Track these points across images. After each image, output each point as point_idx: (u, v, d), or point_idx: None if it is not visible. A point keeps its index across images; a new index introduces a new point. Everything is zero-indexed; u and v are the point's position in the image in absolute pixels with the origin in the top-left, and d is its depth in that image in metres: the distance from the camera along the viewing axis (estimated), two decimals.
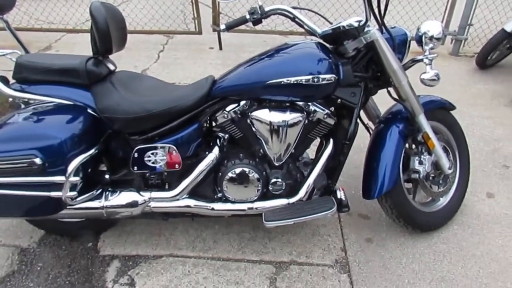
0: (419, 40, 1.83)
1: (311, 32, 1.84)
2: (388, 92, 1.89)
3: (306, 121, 1.75)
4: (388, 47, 1.72)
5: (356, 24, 1.68)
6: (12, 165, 1.52)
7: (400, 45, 1.82)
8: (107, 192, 1.77)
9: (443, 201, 2.10)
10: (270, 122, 1.70)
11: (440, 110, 2.07)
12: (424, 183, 1.98)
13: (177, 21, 4.90)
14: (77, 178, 1.59)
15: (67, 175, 1.55)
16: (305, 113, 1.73)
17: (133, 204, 1.77)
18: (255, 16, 1.76)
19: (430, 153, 1.95)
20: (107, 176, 1.80)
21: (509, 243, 2.03)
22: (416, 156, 1.95)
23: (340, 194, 1.88)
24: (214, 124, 1.86)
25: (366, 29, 1.70)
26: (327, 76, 1.65)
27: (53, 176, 1.55)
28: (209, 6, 4.41)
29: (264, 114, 1.71)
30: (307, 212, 1.77)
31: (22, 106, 1.74)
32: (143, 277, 1.86)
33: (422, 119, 1.86)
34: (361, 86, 1.77)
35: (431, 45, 1.80)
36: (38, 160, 1.51)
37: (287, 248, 2.01)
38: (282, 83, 1.65)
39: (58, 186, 1.58)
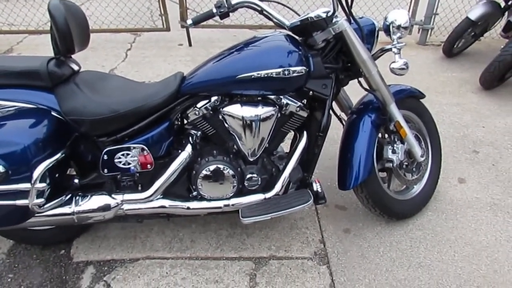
0: (387, 30, 1.84)
1: (280, 25, 1.83)
2: (359, 82, 1.90)
3: (279, 115, 1.73)
4: (357, 38, 1.72)
5: (324, 15, 1.67)
6: None
7: (368, 35, 1.83)
8: (77, 197, 1.71)
9: (417, 188, 2.14)
10: (243, 117, 1.68)
11: (410, 99, 2.10)
12: (398, 171, 2.00)
13: (144, 18, 4.79)
14: (43, 185, 1.52)
15: (32, 181, 1.49)
16: (278, 107, 1.72)
17: (105, 208, 1.71)
18: (221, 10, 1.72)
19: (402, 142, 1.97)
20: (76, 181, 1.74)
21: (481, 226, 2.09)
22: (389, 145, 1.97)
23: (316, 187, 1.88)
24: (185, 121, 1.83)
25: (334, 20, 1.70)
26: (298, 68, 1.63)
27: (18, 183, 1.48)
28: (176, 2, 4.33)
29: (236, 110, 1.68)
30: (283, 206, 1.76)
31: None
32: (120, 281, 1.81)
33: (393, 108, 1.88)
34: (332, 77, 1.77)
35: (398, 34, 1.81)
36: (0, 168, 1.44)
37: (265, 243, 2.00)
38: (253, 77, 1.63)
39: (24, 194, 1.51)
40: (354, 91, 2.01)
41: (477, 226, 2.09)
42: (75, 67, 1.77)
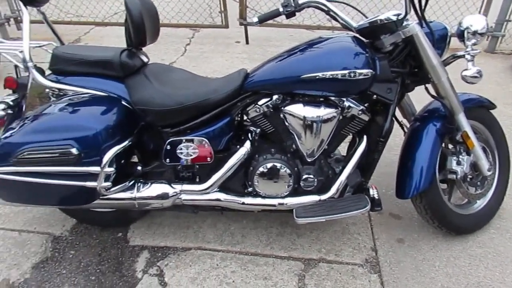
0: (461, 35, 1.75)
1: (346, 26, 1.81)
2: (426, 88, 1.83)
3: (340, 117, 1.71)
4: (428, 42, 1.66)
5: (394, 18, 1.63)
6: (49, 155, 1.54)
7: (439, 40, 1.75)
8: (139, 184, 1.78)
9: (480, 203, 2.03)
10: (304, 117, 1.67)
11: (479, 109, 1.99)
12: (461, 184, 1.91)
13: (204, 14, 4.90)
14: (111, 169, 1.60)
15: (102, 165, 1.57)
16: (340, 109, 1.70)
17: (164, 196, 1.78)
18: (288, 9, 1.73)
19: (468, 153, 1.88)
20: (139, 168, 1.81)
21: None
22: (454, 156, 1.88)
23: (372, 192, 1.84)
24: (245, 118, 1.85)
25: (405, 23, 1.65)
26: (364, 71, 1.60)
27: (89, 166, 1.57)
28: (235, 0, 4.38)
29: (297, 109, 1.68)
30: (339, 210, 1.74)
31: (52, 98, 1.76)
32: (172, 268, 1.86)
33: (461, 118, 1.80)
34: (398, 82, 1.73)
35: (473, 41, 1.72)
36: (74, 151, 1.53)
37: (315, 246, 1.98)
38: (317, 77, 1.62)
39: (93, 177, 1.59)
40: (418, 98, 1.94)
41: None
42: (145, 59, 1.84)
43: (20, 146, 1.54)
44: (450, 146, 1.93)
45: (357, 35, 1.76)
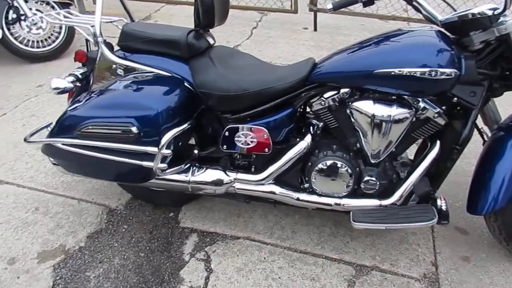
0: None
1: (429, 19, 1.64)
2: None
3: (414, 119, 1.57)
4: None
5: (490, 13, 1.44)
6: (110, 131, 1.56)
7: None
8: (194, 168, 1.77)
9: None
10: (373, 115, 1.54)
11: None
12: None
13: None
14: (168, 151, 1.59)
15: (160, 146, 1.56)
16: (413, 110, 1.55)
17: (218, 183, 1.74)
18: None
19: None
20: (195, 152, 1.79)
21: None
22: None
23: (440, 204, 1.68)
24: (308, 110, 1.76)
25: (502, 19, 1.45)
26: (447, 70, 1.44)
27: (147, 146, 1.57)
28: None
29: (367, 106, 1.56)
30: (402, 219, 1.60)
31: (118, 74, 1.77)
32: (219, 256, 1.84)
33: None
34: (484, 85, 1.54)
35: None
36: (134, 129, 1.53)
37: (369, 252, 1.86)
38: (392, 73, 1.48)
39: (150, 157, 1.59)
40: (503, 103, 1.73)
41: None
42: (211, 41, 1.80)
43: (84, 120, 1.58)
44: None
45: (442, 30, 1.58)
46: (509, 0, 1.41)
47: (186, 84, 1.68)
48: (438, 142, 1.64)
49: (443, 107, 1.57)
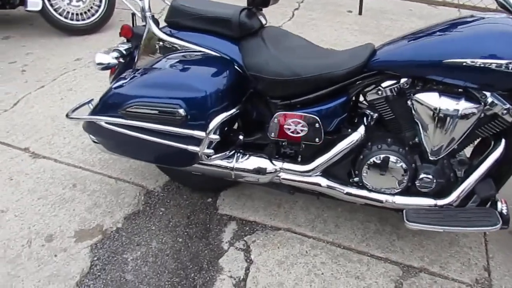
0: None
1: (503, 6, 1.48)
2: None
3: (482, 114, 1.44)
4: None
5: None
6: (156, 112, 1.49)
7: None
8: (238, 154, 1.69)
9: None
10: (438, 109, 1.42)
11: None
12: None
13: None
14: (216, 136, 1.51)
15: (207, 131, 1.48)
16: (482, 105, 1.42)
17: (263, 172, 1.66)
18: None
19: None
20: (240, 137, 1.71)
21: None
22: None
23: (501, 207, 1.55)
24: (362, 99, 1.64)
25: None
26: None
27: (194, 130, 1.49)
28: None
29: (432, 98, 1.43)
30: (461, 223, 1.49)
31: (164, 51, 1.69)
32: (259, 246, 1.78)
33: None
34: None
35: None
36: (181, 111, 1.46)
37: (418, 252, 1.76)
38: (464, 64, 1.35)
39: (197, 141, 1.52)
40: None
41: None
42: (263, 21, 1.70)
43: (129, 99, 1.51)
44: None
45: None
46: None
47: (235, 65, 1.59)
48: (503, 141, 1.51)
49: None
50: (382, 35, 3.52)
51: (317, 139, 1.58)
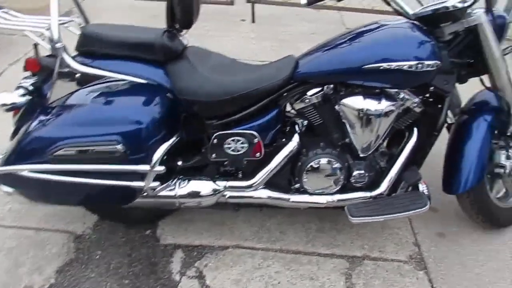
0: None
1: (399, 12, 1.68)
2: (481, 80, 1.76)
3: (399, 110, 1.61)
4: (492, 32, 1.57)
5: (460, 5, 1.52)
6: (90, 152, 1.36)
7: (497, 30, 1.67)
8: (180, 181, 1.63)
9: None
10: (364, 111, 1.55)
11: None
12: (507, 178, 1.87)
13: None
14: (161, 168, 1.44)
15: (152, 164, 1.40)
16: (399, 101, 1.59)
17: (209, 194, 1.64)
18: None
19: None
20: (179, 163, 1.65)
21: None
22: (503, 150, 1.83)
23: (422, 188, 1.76)
24: (289, 109, 1.72)
25: (470, 11, 1.55)
26: (432, 62, 1.50)
27: (136, 164, 1.40)
28: None
29: (357, 102, 1.56)
30: (398, 209, 1.65)
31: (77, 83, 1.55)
32: (212, 270, 1.74)
33: None
34: (455, 73, 1.64)
35: None
36: (120, 147, 1.36)
37: (358, 242, 1.91)
38: (381, 68, 1.50)
39: (140, 176, 1.43)
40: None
41: None
42: (185, 42, 1.66)
43: (55, 141, 1.35)
44: (498, 139, 1.87)
45: (416, 22, 1.64)
46: None
47: (165, 90, 1.53)
48: (415, 130, 1.72)
49: (420, 97, 1.64)
50: (280, 40, 3.70)
51: (258, 154, 1.61)
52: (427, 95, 1.66)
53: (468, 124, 1.79)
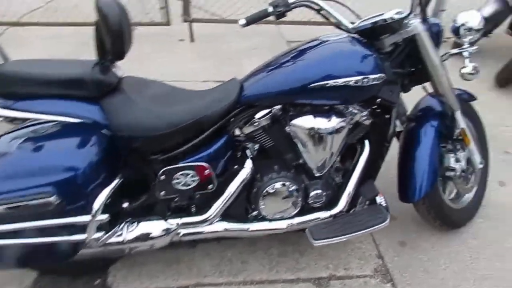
0: (456, 32, 1.72)
1: (338, 26, 1.67)
2: (424, 87, 1.78)
3: (350, 125, 1.59)
4: (430, 41, 1.60)
5: (398, 17, 1.54)
6: (19, 208, 1.19)
7: (433, 37, 1.70)
8: (128, 224, 1.49)
9: (469, 195, 2.06)
10: (316, 129, 1.51)
11: (462, 102, 2.01)
12: (458, 180, 1.91)
13: (133, 12, 4.40)
14: (105, 216, 1.29)
15: (93, 213, 1.26)
16: (348, 117, 1.57)
17: (161, 234, 1.51)
18: (279, 9, 1.54)
19: (464, 149, 1.88)
20: (125, 205, 1.51)
21: None
22: (451, 153, 1.87)
23: (380, 200, 1.75)
24: (238, 133, 1.64)
25: (407, 21, 1.57)
26: (377, 75, 1.49)
27: (75, 216, 1.25)
28: None
29: (308, 122, 1.51)
30: (359, 226, 1.62)
31: None
32: None
33: (459, 115, 1.78)
34: (398, 83, 1.65)
35: (470, 37, 1.70)
36: (54, 199, 1.20)
37: (322, 262, 1.85)
38: (328, 85, 1.46)
39: (81, 227, 1.27)
40: None
41: None
42: (119, 73, 1.53)
43: None
44: (447, 143, 1.90)
45: (356, 36, 1.64)
46: (415, 4, 1.53)
47: (101, 129, 1.39)
48: (367, 142, 1.70)
49: (368, 109, 1.63)
50: (221, 58, 3.62)
51: (210, 186, 1.51)
52: (375, 107, 1.67)
53: (416, 131, 1.81)
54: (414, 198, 1.74)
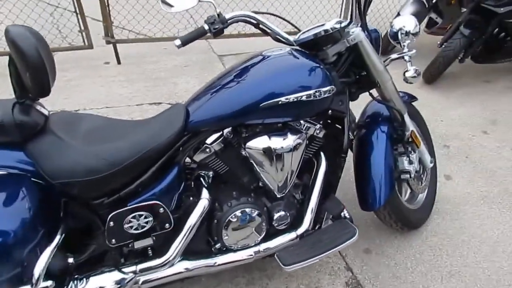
0: (395, 37, 1.74)
1: (279, 40, 1.61)
2: (370, 94, 1.78)
3: (306, 141, 1.53)
4: (372, 48, 1.60)
5: (338, 26, 1.51)
6: None
7: (374, 43, 1.71)
8: (77, 282, 1.29)
9: (423, 195, 2.09)
10: (274, 150, 1.43)
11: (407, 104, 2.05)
12: (413, 181, 1.93)
13: (49, 36, 4.08)
14: (50, 283, 1.10)
15: (35, 280, 1.06)
16: (303, 132, 1.51)
17: (117, 287, 1.33)
18: (216, 26, 1.45)
19: (415, 151, 1.90)
20: (70, 260, 1.31)
21: (484, 221, 2.12)
22: (404, 156, 1.88)
23: (343, 213, 1.71)
24: (190, 162, 1.52)
25: (349, 30, 1.55)
26: (327, 88, 1.45)
27: (12, 286, 1.04)
28: (95, 19, 3.79)
29: (263, 143, 1.43)
30: (329, 244, 1.55)
31: None
32: None
33: (407, 118, 1.79)
34: (346, 92, 1.63)
35: (408, 41, 1.72)
36: None
37: (292, 284, 1.77)
38: (280, 103, 1.39)
39: None
40: None
41: (481, 221, 2.12)
42: (45, 111, 1.34)
43: None
44: (398, 147, 1.92)
45: (299, 48, 1.59)
46: (355, 12, 1.52)
47: (30, 177, 1.20)
48: (322, 155, 1.66)
49: (321, 122, 1.59)
50: (153, 79, 3.44)
51: (167, 225, 1.37)
52: (327, 118, 1.63)
53: (367, 138, 1.80)
54: (375, 206, 1.72)
